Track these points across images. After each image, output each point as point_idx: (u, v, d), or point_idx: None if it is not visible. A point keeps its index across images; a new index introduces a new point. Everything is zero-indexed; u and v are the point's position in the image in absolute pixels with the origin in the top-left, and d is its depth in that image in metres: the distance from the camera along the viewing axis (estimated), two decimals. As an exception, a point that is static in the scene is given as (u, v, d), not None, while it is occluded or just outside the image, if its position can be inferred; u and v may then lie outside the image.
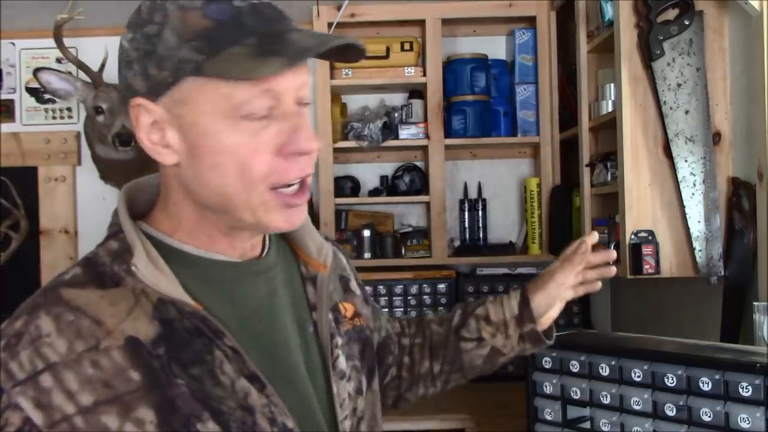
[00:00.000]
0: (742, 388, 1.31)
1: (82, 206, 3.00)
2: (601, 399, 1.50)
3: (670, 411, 1.40)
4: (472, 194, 2.95)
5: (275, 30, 0.82)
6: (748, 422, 1.29)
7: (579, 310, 2.78)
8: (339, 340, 0.98)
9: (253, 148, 0.82)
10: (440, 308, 2.77)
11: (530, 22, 2.80)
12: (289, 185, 0.85)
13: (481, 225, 2.90)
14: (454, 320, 1.21)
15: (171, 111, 0.83)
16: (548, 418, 1.59)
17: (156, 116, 0.84)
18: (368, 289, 2.76)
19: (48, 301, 0.83)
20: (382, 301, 2.75)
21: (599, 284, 1.23)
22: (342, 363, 0.97)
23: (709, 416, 1.34)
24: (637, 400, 1.44)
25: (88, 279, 0.85)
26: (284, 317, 0.93)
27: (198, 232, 0.89)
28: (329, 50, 0.84)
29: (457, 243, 2.92)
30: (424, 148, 2.80)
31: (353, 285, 1.09)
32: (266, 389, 0.85)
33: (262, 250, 0.95)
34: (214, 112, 0.81)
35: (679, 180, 1.89)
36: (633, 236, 1.91)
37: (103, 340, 0.80)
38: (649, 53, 1.89)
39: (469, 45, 2.94)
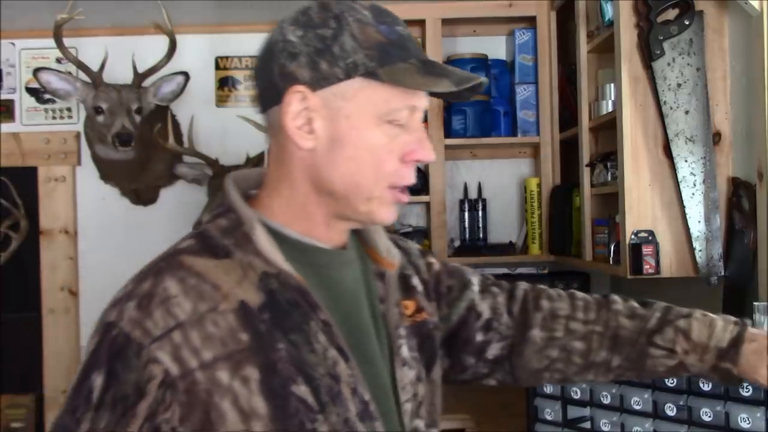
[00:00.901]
0: (743, 388, 1.31)
1: (82, 206, 3.00)
2: (602, 399, 1.50)
3: (671, 411, 1.40)
4: (472, 194, 2.95)
5: (429, 60, 0.98)
6: (748, 422, 1.29)
7: (579, 310, 2.78)
8: (402, 331, 1.05)
9: (389, 150, 0.96)
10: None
11: (530, 22, 2.80)
12: (404, 186, 0.98)
13: (481, 225, 2.90)
14: (650, 322, 1.15)
15: (329, 103, 0.95)
16: (548, 418, 1.59)
17: (310, 104, 0.95)
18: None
19: (171, 266, 0.94)
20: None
21: None
22: (405, 351, 1.04)
23: (710, 416, 1.34)
24: (638, 400, 1.44)
25: (202, 249, 0.96)
26: (363, 305, 1.02)
27: (303, 216, 0.99)
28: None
29: (457, 243, 2.92)
30: (424, 148, 2.79)
31: (414, 281, 1.13)
32: (350, 362, 0.95)
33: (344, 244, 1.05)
34: (370, 111, 0.95)
35: (679, 180, 1.89)
36: (633, 236, 1.91)
37: (221, 303, 0.91)
38: (649, 53, 1.89)
39: (469, 45, 2.94)
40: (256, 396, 0.89)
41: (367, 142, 0.95)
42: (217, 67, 3.01)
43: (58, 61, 2.88)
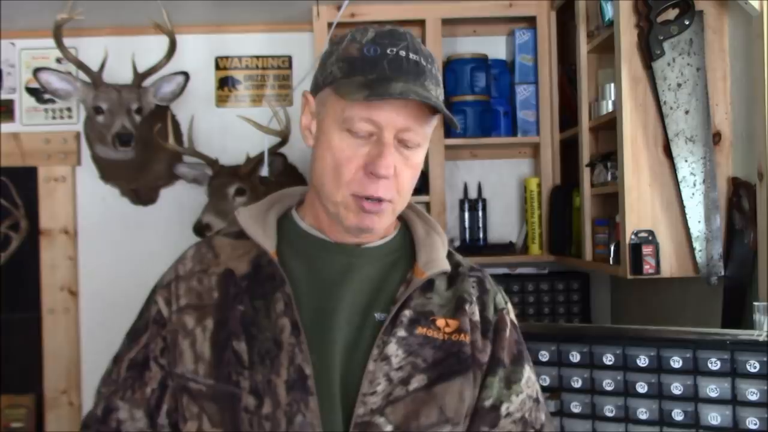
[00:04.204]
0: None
1: (82, 206, 3.00)
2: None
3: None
4: (472, 194, 2.95)
5: (393, 77, 1.03)
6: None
7: (579, 310, 2.78)
8: (401, 333, 1.07)
9: (348, 157, 1.05)
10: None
11: (530, 22, 2.80)
12: (368, 197, 1.06)
13: (481, 225, 2.90)
14: None
15: (318, 106, 1.11)
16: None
17: (311, 108, 1.13)
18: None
19: (203, 241, 1.19)
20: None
21: None
22: (391, 350, 1.06)
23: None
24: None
25: (233, 233, 1.16)
26: (346, 294, 1.09)
27: (313, 206, 1.15)
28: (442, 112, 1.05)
29: (457, 243, 2.92)
30: (424, 148, 2.79)
31: (469, 308, 1.13)
32: (300, 336, 1.04)
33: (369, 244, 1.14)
34: (333, 117, 1.07)
35: (679, 180, 1.89)
36: (633, 236, 1.91)
37: (212, 267, 1.12)
38: (649, 53, 1.89)
39: (469, 45, 2.94)
40: (206, 343, 1.06)
41: (330, 144, 1.07)
42: (217, 67, 3.01)
43: (58, 61, 2.88)
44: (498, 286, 1.21)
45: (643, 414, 1.44)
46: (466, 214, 2.91)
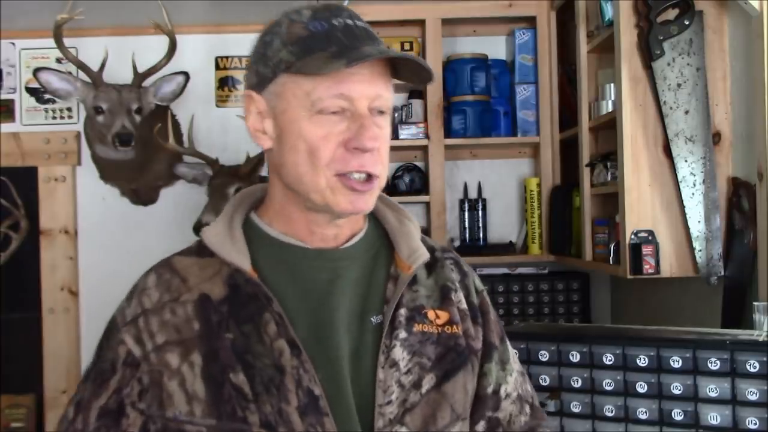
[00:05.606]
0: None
1: (82, 206, 2.99)
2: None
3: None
4: (472, 194, 2.95)
5: (356, 44, 0.99)
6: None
7: (579, 310, 2.78)
8: (402, 334, 1.04)
9: (324, 136, 0.98)
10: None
11: (530, 22, 2.80)
12: (353, 174, 0.99)
13: (481, 225, 2.90)
14: None
15: (270, 102, 1.02)
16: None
17: (260, 107, 1.03)
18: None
19: (159, 265, 1.07)
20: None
21: None
22: (397, 354, 1.02)
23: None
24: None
25: (194, 250, 1.07)
26: (339, 302, 1.03)
27: (283, 215, 1.06)
28: (403, 69, 1.03)
29: (457, 243, 2.92)
30: (424, 148, 2.80)
31: (457, 296, 1.11)
32: (301, 355, 0.97)
33: (346, 242, 1.08)
34: (297, 103, 0.99)
35: (679, 180, 1.89)
36: (633, 236, 1.91)
37: (183, 295, 1.02)
38: (649, 53, 1.89)
39: (469, 45, 2.94)
40: (198, 380, 0.97)
41: (300, 132, 0.99)
42: (217, 67, 3.01)
43: (58, 61, 2.87)
44: (468, 265, 1.19)
45: (642, 414, 1.44)
46: (466, 214, 2.91)
